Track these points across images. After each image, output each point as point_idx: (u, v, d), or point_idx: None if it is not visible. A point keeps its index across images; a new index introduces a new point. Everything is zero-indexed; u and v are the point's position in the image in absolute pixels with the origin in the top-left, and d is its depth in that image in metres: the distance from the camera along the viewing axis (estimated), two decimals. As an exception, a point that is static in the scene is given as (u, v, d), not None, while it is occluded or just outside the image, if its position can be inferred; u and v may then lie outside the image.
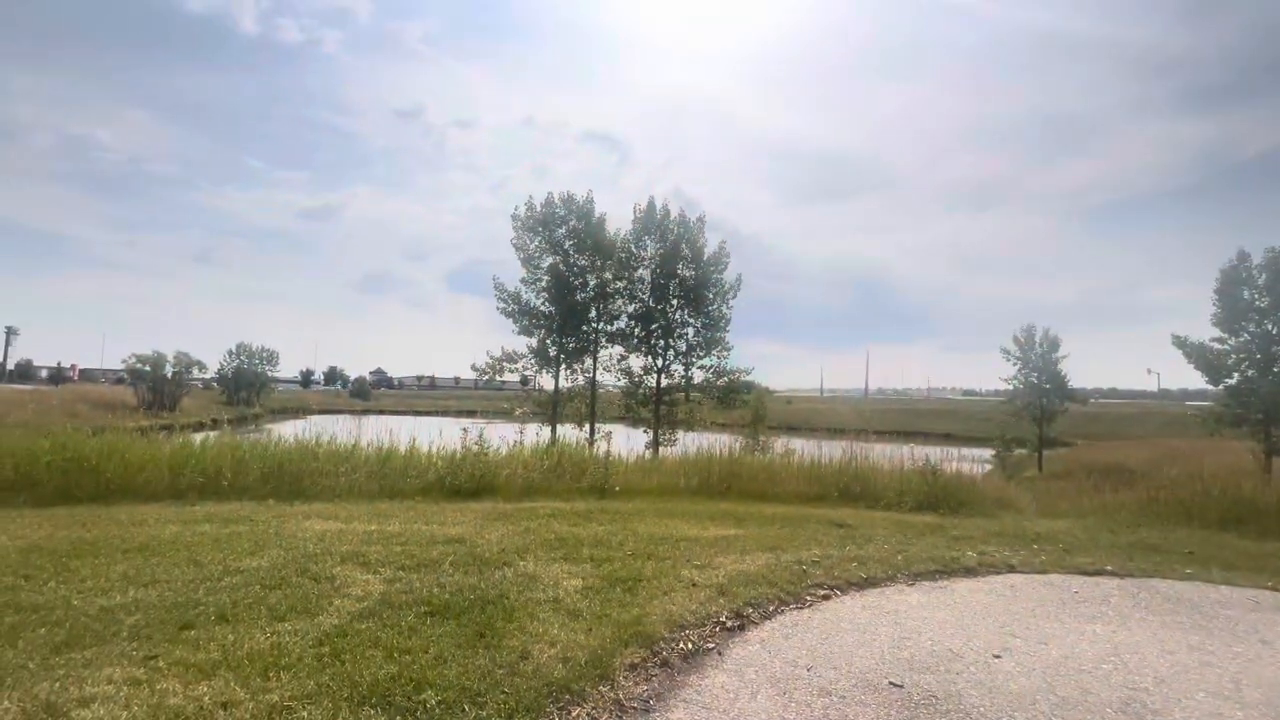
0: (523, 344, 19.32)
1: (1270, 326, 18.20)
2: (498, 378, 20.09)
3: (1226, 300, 18.80)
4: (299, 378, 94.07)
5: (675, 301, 18.70)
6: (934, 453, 10.77)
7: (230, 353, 53.95)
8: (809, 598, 4.05)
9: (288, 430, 10.37)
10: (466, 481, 8.07)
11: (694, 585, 4.05)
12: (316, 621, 3.16)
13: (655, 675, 2.87)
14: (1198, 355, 19.38)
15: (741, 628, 3.52)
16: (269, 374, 58.37)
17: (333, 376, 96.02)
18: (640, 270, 18.96)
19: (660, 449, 17.29)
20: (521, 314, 18.97)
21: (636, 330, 19.00)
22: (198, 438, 9.28)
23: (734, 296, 19.09)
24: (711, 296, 19.03)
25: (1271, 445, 18.15)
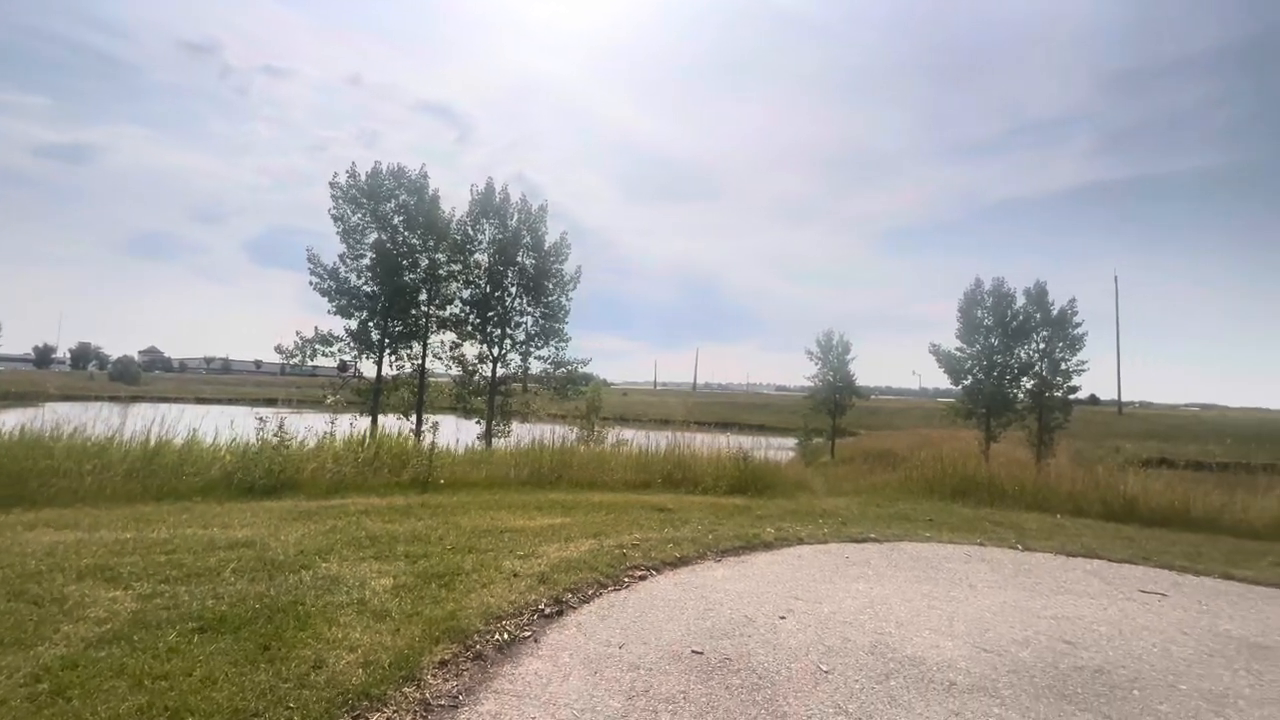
0: (340, 325, 17.45)
1: (993, 340, 23.01)
2: (309, 362, 17.91)
3: (966, 317, 23.39)
4: (32, 355, 75.04)
5: (514, 289, 18.24)
6: (747, 441, 11.90)
7: (-82, 319, 41.16)
8: (627, 579, 4.24)
9: (10, 420, 8.20)
10: (262, 478, 7.09)
11: (515, 576, 4.02)
12: (33, 654, 2.55)
13: (467, 670, 2.80)
14: (945, 360, 23.90)
15: (560, 613, 3.58)
16: (-18, 349, 45.67)
17: (84, 355, 78.00)
18: (477, 254, 18.15)
19: (494, 440, 16.81)
20: (340, 293, 17.04)
21: (471, 317, 18.17)
22: None
23: (574, 288, 19.13)
24: (551, 287, 18.87)
25: (990, 434, 23.00)
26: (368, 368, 18.18)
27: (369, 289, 17.33)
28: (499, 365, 18.74)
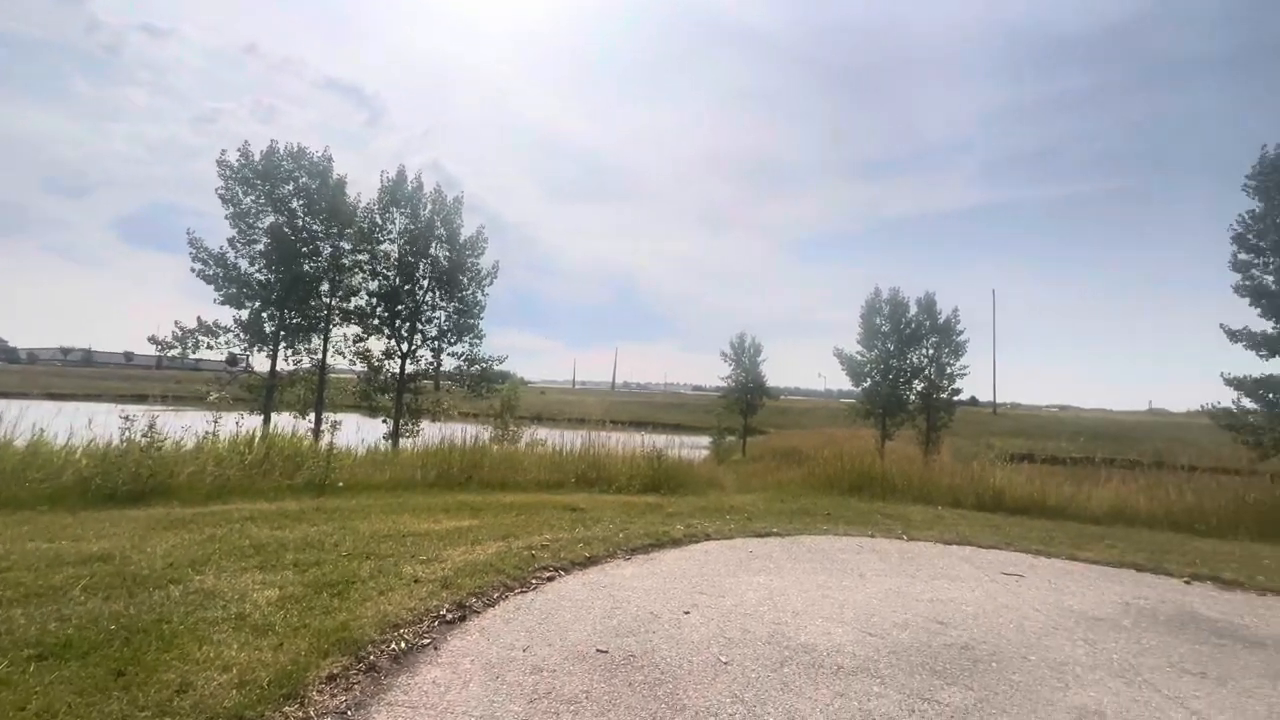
0: (230, 315, 15.99)
1: (890, 345, 24.78)
2: (190, 354, 16.26)
3: (866, 324, 25.07)
4: None
5: (426, 283, 17.49)
6: (663, 440, 12.10)
7: None
8: (535, 581, 4.19)
9: None
10: (126, 483, 6.37)
11: (416, 581, 3.86)
12: None
13: (358, 683, 2.66)
14: (848, 364, 25.49)
15: (463, 619, 3.47)
16: None
17: (-101, 342, 66.51)
18: (385, 245, 17.24)
19: (401, 440, 16.04)
20: (228, 280, 15.60)
21: (378, 310, 17.23)
22: None
23: (490, 283, 18.62)
24: (466, 281, 18.28)
25: (886, 432, 24.75)
26: (260, 362, 16.82)
27: (262, 277, 16.03)
28: (408, 361, 17.92)
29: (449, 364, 18.91)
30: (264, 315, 16.08)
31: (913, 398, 25.37)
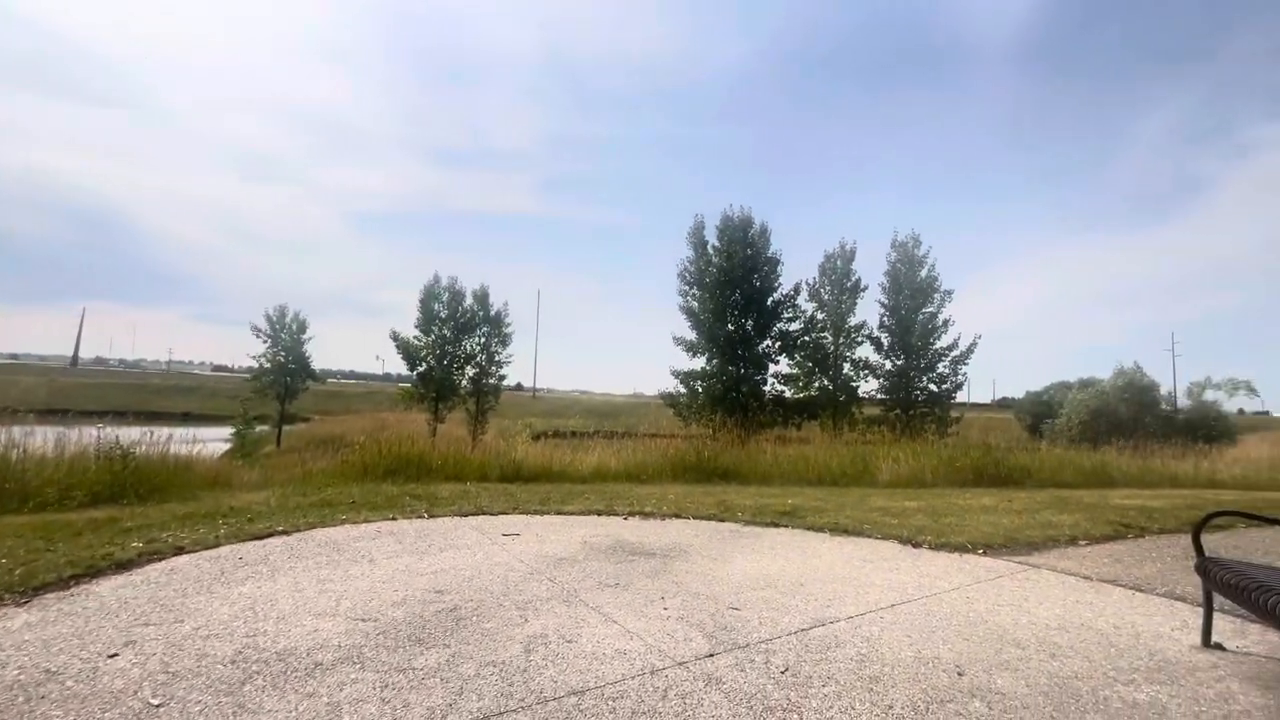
0: None
1: (447, 332, 25.63)
2: None
3: (425, 309, 25.30)
4: None
5: None
6: (138, 433, 9.19)
7: None
8: None
9: None
10: None
11: None
12: None
13: None
14: (404, 348, 25.14)
15: None
16: None
17: None
18: None
19: None
20: None
21: None
22: None
23: None
24: None
25: (438, 415, 25.47)
26: None
27: None
28: None
29: None
30: None
31: (465, 383, 26.90)
